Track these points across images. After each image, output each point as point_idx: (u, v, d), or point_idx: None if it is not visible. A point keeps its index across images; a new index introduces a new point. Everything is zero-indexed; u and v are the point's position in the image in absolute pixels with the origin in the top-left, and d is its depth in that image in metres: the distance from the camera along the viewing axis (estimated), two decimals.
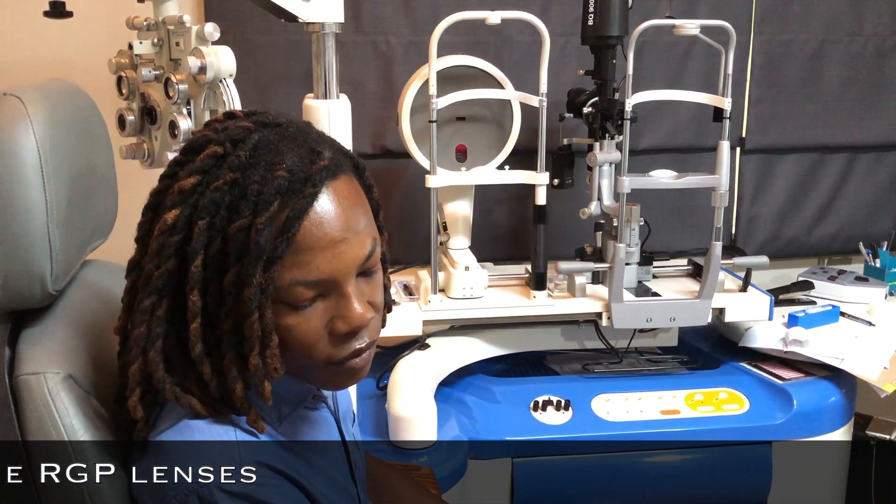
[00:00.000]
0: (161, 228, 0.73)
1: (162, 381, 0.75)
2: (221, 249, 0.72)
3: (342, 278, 0.74)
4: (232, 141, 0.74)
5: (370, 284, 0.79)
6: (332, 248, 0.73)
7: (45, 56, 1.83)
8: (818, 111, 2.15)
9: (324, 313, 0.75)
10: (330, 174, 0.74)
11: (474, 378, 1.77)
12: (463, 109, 1.72)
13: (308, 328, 0.75)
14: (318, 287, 0.74)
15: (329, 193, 0.74)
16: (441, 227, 1.81)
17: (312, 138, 0.77)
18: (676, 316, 1.72)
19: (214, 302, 0.74)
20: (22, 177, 0.78)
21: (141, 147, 1.38)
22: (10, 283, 0.80)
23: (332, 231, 0.73)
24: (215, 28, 1.21)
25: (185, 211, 0.73)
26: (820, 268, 2.20)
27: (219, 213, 0.72)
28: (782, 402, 1.70)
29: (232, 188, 0.72)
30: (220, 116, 0.81)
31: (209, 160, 0.74)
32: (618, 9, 1.65)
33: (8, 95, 0.81)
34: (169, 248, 0.73)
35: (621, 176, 1.65)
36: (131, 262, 0.79)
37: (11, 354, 0.80)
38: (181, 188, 0.73)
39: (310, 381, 0.83)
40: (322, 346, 0.76)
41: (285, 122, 0.78)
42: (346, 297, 0.75)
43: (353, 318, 0.75)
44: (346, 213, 0.75)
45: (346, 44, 1.88)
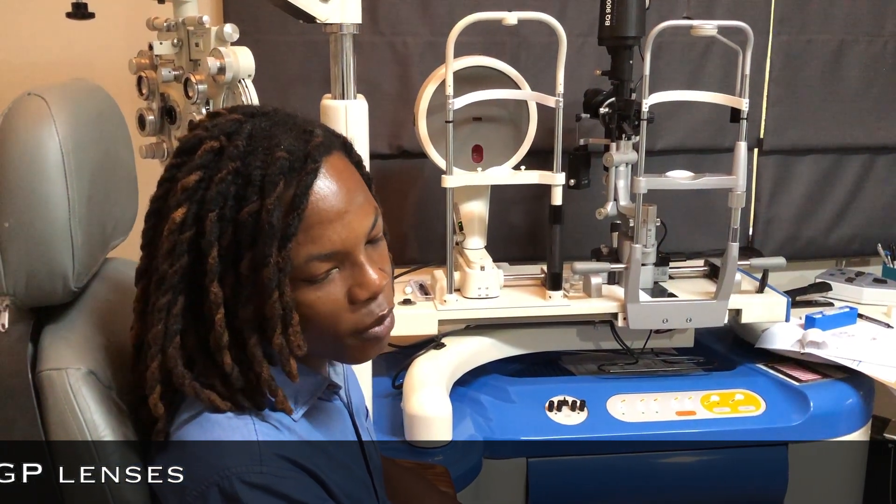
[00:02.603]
0: (170, 228, 0.75)
1: (181, 376, 0.76)
2: (233, 238, 0.74)
3: (353, 248, 0.77)
4: (226, 134, 0.77)
5: (378, 251, 0.81)
6: (340, 219, 0.76)
7: (66, 56, 1.85)
8: (837, 112, 2.14)
9: (341, 284, 0.78)
10: (325, 150, 0.77)
11: (489, 378, 1.77)
12: (479, 110, 1.72)
13: (328, 301, 0.77)
14: (332, 259, 0.76)
15: (328, 169, 0.76)
16: (457, 227, 1.81)
17: (301, 121, 0.80)
18: (693, 317, 1.71)
19: (232, 291, 0.75)
20: (45, 175, 0.79)
21: (160, 146, 1.39)
22: (33, 279, 0.81)
23: (338, 203, 0.76)
24: (234, 29, 1.22)
25: (192, 207, 0.75)
26: (838, 269, 2.19)
27: (227, 204, 0.74)
28: (799, 404, 1.69)
29: (236, 177, 0.74)
30: (204, 117, 0.83)
31: (208, 155, 0.76)
32: (635, 9, 1.65)
33: (32, 95, 0.82)
34: (181, 246, 0.75)
35: (638, 176, 1.64)
36: (139, 270, 0.81)
37: (34, 350, 0.82)
38: (184, 186, 0.75)
39: (337, 354, 0.84)
40: (345, 316, 0.78)
41: (272, 111, 0.81)
42: (360, 265, 0.78)
43: (371, 284, 0.78)
44: (346, 186, 0.77)
45: (363, 44, 1.89)
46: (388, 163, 1.99)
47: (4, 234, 0.80)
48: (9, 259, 0.80)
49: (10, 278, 0.81)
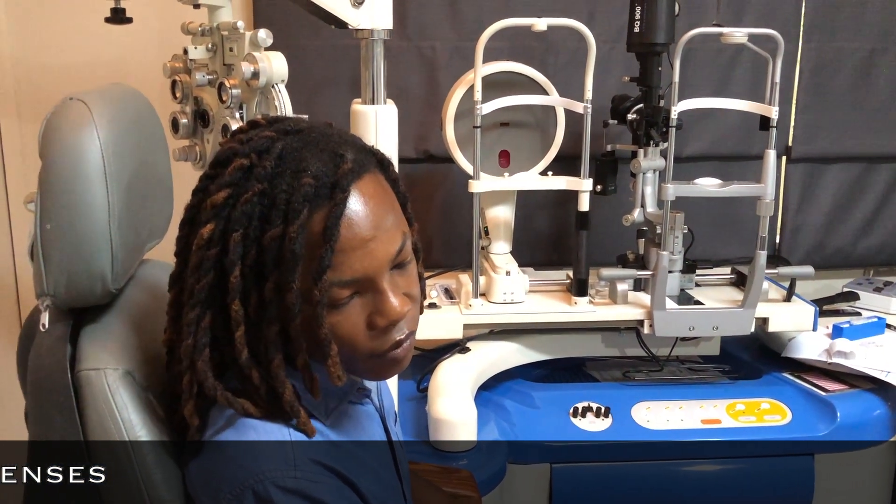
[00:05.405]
0: (198, 243, 0.76)
1: (213, 388, 0.77)
2: (258, 259, 0.74)
3: (376, 275, 0.76)
4: (257, 152, 0.77)
5: (404, 276, 0.81)
6: (363, 247, 0.75)
7: (100, 59, 1.87)
8: (866, 120, 2.12)
9: (362, 309, 0.78)
10: (355, 175, 0.76)
11: (513, 383, 1.77)
12: (506, 115, 1.72)
13: (348, 325, 0.77)
14: (353, 286, 0.76)
15: (356, 194, 0.76)
16: (483, 232, 1.82)
17: (334, 141, 0.79)
18: (719, 325, 1.71)
19: (256, 309, 0.76)
20: (87, 178, 0.81)
21: (193, 149, 1.41)
22: (73, 280, 0.83)
23: (362, 231, 0.75)
24: (268, 34, 1.23)
25: (219, 225, 0.75)
26: (865, 279, 2.17)
27: (251, 224, 0.74)
28: (825, 414, 1.68)
29: (261, 199, 0.74)
30: (244, 126, 0.84)
31: (237, 173, 0.76)
32: (664, 16, 1.65)
33: (74, 100, 0.84)
34: (207, 262, 0.76)
35: (666, 183, 1.64)
36: (173, 275, 0.82)
37: (73, 350, 0.83)
38: (213, 203, 0.76)
39: (354, 372, 0.85)
40: (363, 340, 0.78)
41: (307, 128, 0.80)
42: (382, 293, 0.77)
43: (391, 312, 0.77)
44: (373, 212, 0.76)
45: (391, 49, 1.88)
46: (414, 167, 2.00)
47: (46, 236, 0.81)
48: (50, 260, 0.82)
49: (51, 279, 0.82)
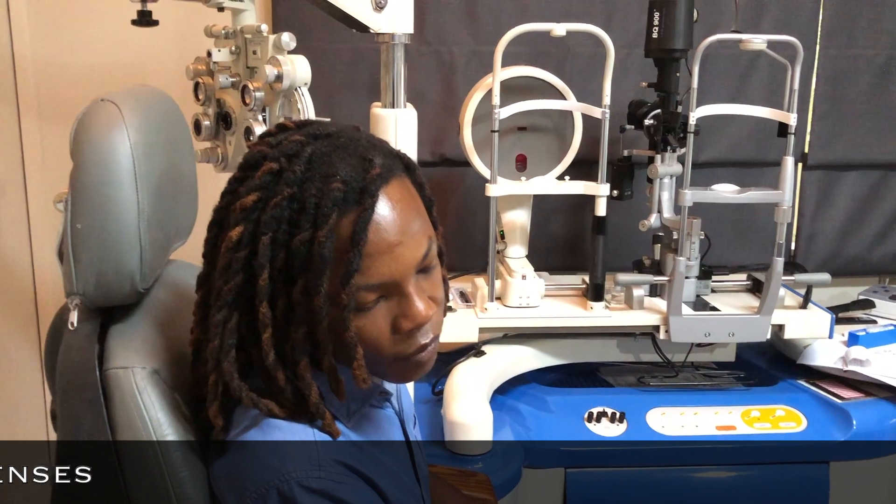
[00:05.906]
0: (227, 246, 0.76)
1: (238, 389, 0.78)
2: (286, 262, 0.75)
3: (402, 279, 0.77)
4: (286, 156, 0.77)
5: (430, 280, 0.81)
6: (390, 251, 0.76)
7: (120, 60, 1.89)
8: (883, 128, 2.11)
9: (387, 313, 0.78)
10: (383, 180, 0.76)
11: (528, 387, 1.78)
12: (524, 119, 1.73)
13: (374, 328, 0.78)
14: (379, 289, 0.77)
15: (384, 199, 0.76)
16: (499, 236, 1.82)
17: (363, 146, 0.79)
18: (735, 331, 1.71)
19: (284, 312, 0.77)
20: (117, 179, 0.82)
21: (215, 151, 1.42)
22: (103, 280, 0.83)
23: (389, 235, 0.76)
24: (292, 38, 1.24)
25: (248, 228, 0.76)
26: (881, 286, 2.16)
27: (280, 228, 0.75)
28: (841, 422, 1.68)
29: (291, 203, 0.75)
30: (273, 129, 0.84)
31: (267, 177, 0.76)
32: (683, 22, 1.65)
33: (105, 101, 0.85)
34: (236, 264, 0.76)
35: (683, 189, 1.64)
36: (200, 277, 0.83)
37: (101, 349, 0.84)
38: (243, 206, 0.76)
39: (379, 375, 0.85)
40: (388, 343, 0.79)
41: (336, 132, 0.81)
42: (408, 297, 0.78)
43: (416, 316, 0.78)
44: (400, 217, 0.77)
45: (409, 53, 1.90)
46: (430, 171, 2.01)
47: (76, 235, 0.82)
48: (80, 259, 0.83)
49: (81, 278, 0.83)
